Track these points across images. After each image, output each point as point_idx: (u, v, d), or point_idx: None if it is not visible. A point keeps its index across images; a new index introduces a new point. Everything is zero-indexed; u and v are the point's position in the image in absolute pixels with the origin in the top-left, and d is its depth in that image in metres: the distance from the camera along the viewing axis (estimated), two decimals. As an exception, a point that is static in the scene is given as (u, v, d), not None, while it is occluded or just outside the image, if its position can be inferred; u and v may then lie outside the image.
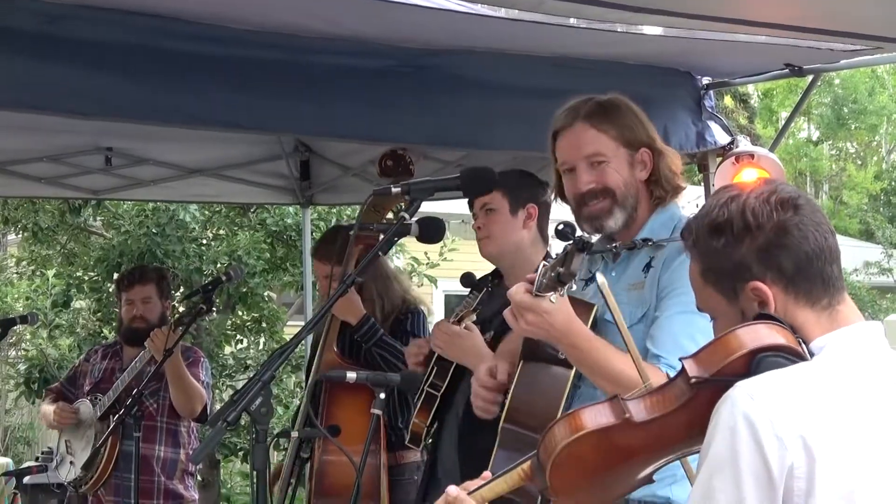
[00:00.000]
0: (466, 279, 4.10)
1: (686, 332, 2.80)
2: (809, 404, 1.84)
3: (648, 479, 2.03)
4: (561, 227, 2.51)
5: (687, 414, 1.91)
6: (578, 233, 2.52)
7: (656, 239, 2.99)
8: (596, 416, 1.94)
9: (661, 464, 2.01)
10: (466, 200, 4.03)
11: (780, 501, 1.80)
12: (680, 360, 1.94)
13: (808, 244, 1.97)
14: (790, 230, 1.97)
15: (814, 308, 1.97)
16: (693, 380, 1.89)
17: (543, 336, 2.75)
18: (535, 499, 2.86)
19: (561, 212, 3.31)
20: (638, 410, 1.93)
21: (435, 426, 4.07)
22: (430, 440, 4.18)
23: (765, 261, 1.97)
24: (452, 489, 2.04)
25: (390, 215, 4.47)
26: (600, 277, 2.55)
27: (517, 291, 2.69)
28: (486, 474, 2.11)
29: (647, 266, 2.99)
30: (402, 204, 3.94)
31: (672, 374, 2.01)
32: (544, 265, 2.65)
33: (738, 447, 1.80)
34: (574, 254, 2.47)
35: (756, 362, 1.87)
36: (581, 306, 2.95)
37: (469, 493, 2.04)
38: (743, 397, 1.82)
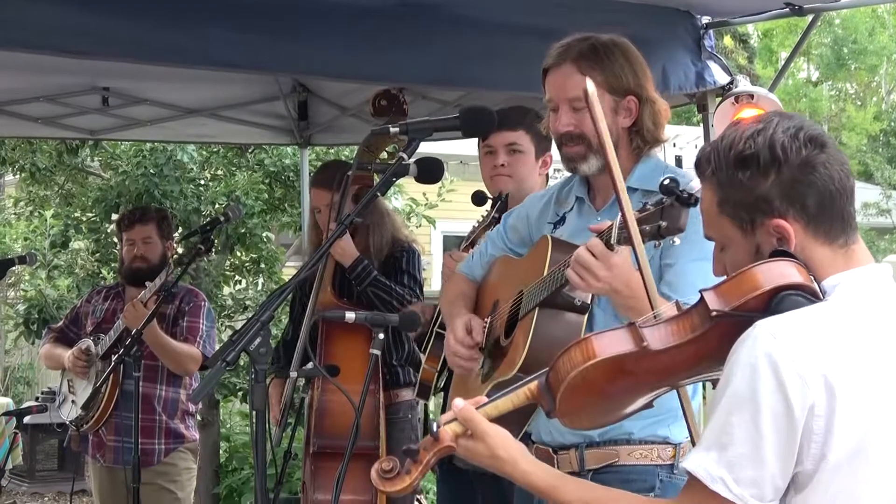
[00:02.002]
0: (478, 197, 4.02)
1: (704, 279, 2.74)
2: (829, 343, 1.85)
3: (647, 406, 2.07)
4: (667, 181, 2.46)
5: (699, 345, 1.93)
6: (682, 186, 2.46)
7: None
8: (612, 344, 1.96)
9: (661, 392, 2.04)
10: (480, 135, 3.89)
11: (799, 440, 1.82)
12: (700, 291, 1.94)
13: (833, 183, 1.96)
14: (817, 167, 1.96)
15: (831, 246, 1.98)
16: (714, 312, 1.90)
17: (606, 291, 2.71)
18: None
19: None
20: (654, 339, 1.94)
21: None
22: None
23: (789, 197, 1.96)
24: (459, 401, 2.05)
25: (384, 155, 4.46)
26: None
27: (585, 252, 2.66)
28: None
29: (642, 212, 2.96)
30: (397, 144, 3.91)
31: None
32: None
33: (759, 386, 1.81)
34: (680, 209, 2.43)
35: (777, 300, 1.88)
36: (570, 250, 2.93)
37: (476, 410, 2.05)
38: (765, 336, 1.83)
